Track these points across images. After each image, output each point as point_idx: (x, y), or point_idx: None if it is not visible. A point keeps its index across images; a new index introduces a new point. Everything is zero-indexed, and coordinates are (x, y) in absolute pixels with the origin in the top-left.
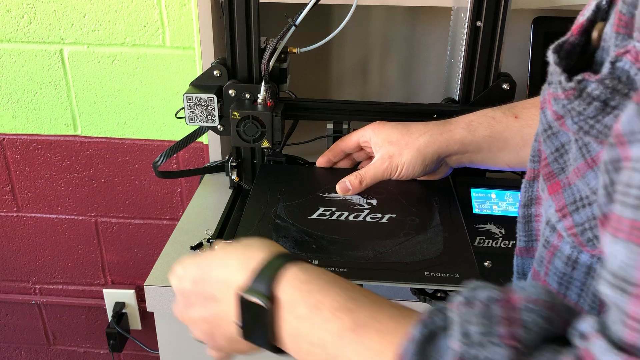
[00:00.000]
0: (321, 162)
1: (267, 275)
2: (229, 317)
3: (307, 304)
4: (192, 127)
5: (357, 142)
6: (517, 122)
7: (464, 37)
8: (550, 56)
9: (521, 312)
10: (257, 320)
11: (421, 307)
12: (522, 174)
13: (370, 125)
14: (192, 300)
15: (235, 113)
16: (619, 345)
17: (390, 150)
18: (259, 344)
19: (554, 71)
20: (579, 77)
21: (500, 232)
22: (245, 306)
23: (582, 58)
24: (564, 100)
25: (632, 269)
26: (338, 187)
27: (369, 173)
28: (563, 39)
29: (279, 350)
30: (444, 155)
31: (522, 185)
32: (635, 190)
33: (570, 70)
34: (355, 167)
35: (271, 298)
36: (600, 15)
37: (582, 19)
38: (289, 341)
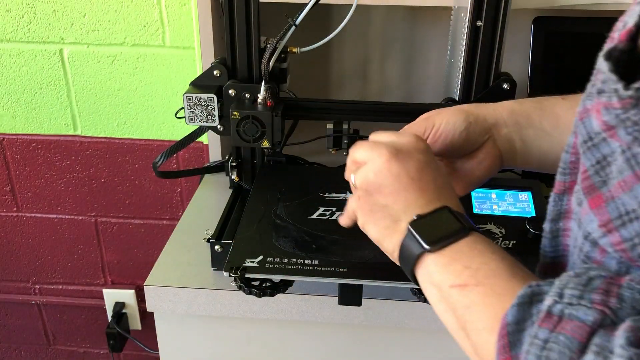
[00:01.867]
0: None
1: (471, 223)
2: (415, 205)
3: (488, 246)
4: (192, 127)
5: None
6: (566, 102)
7: (464, 37)
8: (603, 64)
9: (621, 287)
10: (443, 232)
11: (421, 307)
12: (524, 174)
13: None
14: (409, 164)
15: (235, 113)
16: None
17: (428, 113)
18: (421, 238)
19: (608, 79)
20: (637, 84)
21: (500, 232)
22: (443, 217)
23: (628, 65)
24: (619, 109)
25: None
26: None
27: (403, 131)
28: (611, 45)
29: (409, 260)
30: (491, 121)
31: (551, 199)
32: None
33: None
34: None
35: (467, 233)
36: None
37: (628, 24)
38: (445, 256)
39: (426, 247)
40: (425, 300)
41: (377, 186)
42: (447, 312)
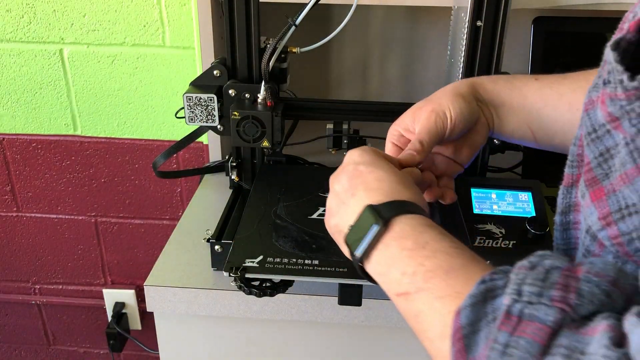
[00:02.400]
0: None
1: (395, 208)
2: (350, 215)
3: (416, 241)
4: (192, 127)
5: (398, 133)
6: (537, 82)
7: (464, 37)
8: (610, 54)
9: (580, 281)
10: (364, 232)
11: None
12: (524, 174)
13: (395, 121)
14: (342, 179)
15: (235, 113)
16: None
17: (428, 106)
18: (352, 249)
19: (614, 70)
20: None
21: (500, 232)
22: (363, 217)
23: (636, 57)
24: (624, 101)
25: None
26: (402, 159)
27: (422, 131)
28: (619, 36)
29: (358, 267)
30: (476, 96)
31: (560, 192)
32: None
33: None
34: None
35: (387, 224)
36: None
37: (638, 15)
38: (380, 263)
39: (357, 256)
40: None
41: (328, 210)
42: (405, 319)
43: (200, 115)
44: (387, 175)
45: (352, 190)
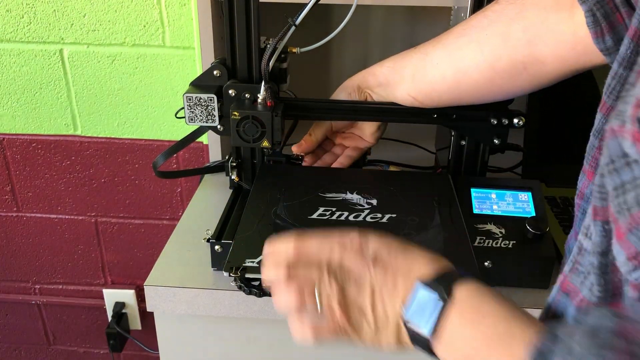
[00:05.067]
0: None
1: (449, 276)
2: (395, 299)
3: (478, 312)
4: (192, 127)
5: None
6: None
7: None
8: None
9: (632, 345)
10: (426, 310)
11: None
12: (524, 174)
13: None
14: (377, 272)
15: (235, 113)
16: None
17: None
18: (416, 330)
19: None
20: None
21: (500, 232)
22: (419, 294)
23: None
24: None
25: None
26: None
27: (314, 125)
28: None
29: (426, 347)
30: (361, 85)
31: (594, 229)
32: None
33: None
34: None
35: (448, 295)
36: None
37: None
38: (449, 337)
39: (429, 337)
40: None
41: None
42: None
43: (200, 115)
44: (407, 246)
45: (389, 278)
